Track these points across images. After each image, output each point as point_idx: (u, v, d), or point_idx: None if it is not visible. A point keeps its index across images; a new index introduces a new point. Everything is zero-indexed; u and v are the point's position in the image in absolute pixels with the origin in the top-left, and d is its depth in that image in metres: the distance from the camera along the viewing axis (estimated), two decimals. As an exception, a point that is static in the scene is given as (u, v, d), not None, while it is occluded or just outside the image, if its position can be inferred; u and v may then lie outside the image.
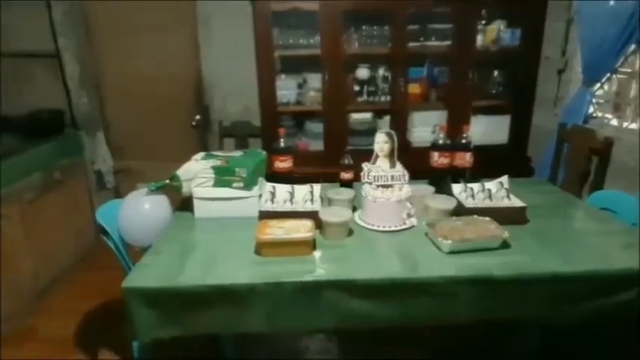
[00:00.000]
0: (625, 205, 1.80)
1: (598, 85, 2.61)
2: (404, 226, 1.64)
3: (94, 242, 2.93)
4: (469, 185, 1.77)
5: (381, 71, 2.91)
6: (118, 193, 3.29)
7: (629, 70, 2.54)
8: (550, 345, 1.99)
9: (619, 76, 2.60)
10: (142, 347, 1.66)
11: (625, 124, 2.53)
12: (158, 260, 1.46)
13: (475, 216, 1.60)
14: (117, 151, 3.40)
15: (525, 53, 2.76)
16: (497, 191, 1.75)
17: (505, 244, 1.49)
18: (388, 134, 1.69)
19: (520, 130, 2.90)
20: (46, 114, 2.97)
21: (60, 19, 3.03)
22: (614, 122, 2.63)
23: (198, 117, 3.18)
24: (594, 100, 2.67)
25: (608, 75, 2.55)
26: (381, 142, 1.69)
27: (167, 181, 1.79)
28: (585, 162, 2.32)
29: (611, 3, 2.27)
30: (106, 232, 1.72)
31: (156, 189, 1.80)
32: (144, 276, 1.38)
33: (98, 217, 1.74)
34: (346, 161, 1.91)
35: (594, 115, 2.69)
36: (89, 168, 3.28)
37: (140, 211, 1.78)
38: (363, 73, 2.88)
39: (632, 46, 2.38)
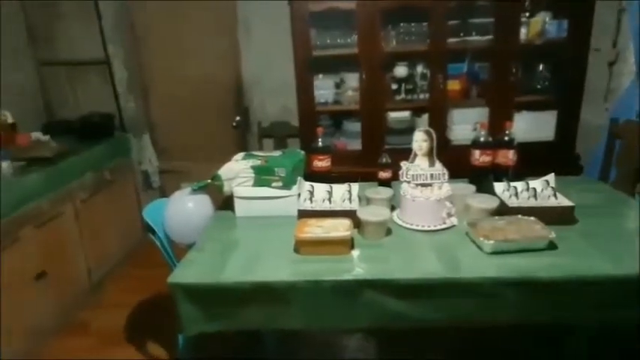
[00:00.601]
0: (684, 205, 1.69)
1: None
2: (444, 226, 1.61)
3: (142, 239, 3.06)
4: (512, 184, 1.71)
5: (420, 68, 2.87)
6: (164, 193, 3.42)
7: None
8: (599, 350, 1.89)
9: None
10: (186, 341, 1.73)
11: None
12: (201, 257, 1.52)
13: (519, 216, 1.55)
14: (162, 152, 3.54)
15: (573, 45, 2.63)
16: (542, 190, 1.68)
17: (552, 245, 1.44)
18: (427, 132, 1.66)
19: (567, 126, 2.77)
20: (98, 117, 3.14)
21: (109, 28, 3.19)
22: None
23: (238, 118, 3.25)
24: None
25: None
26: (419, 141, 1.67)
27: (209, 180, 1.84)
28: (639, 159, 2.19)
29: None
30: (152, 230, 1.80)
31: (198, 188, 1.86)
32: (188, 272, 1.43)
33: (145, 216, 1.82)
34: (384, 160, 1.90)
35: (650, 109, 2.53)
36: (136, 168, 3.44)
37: (184, 209, 1.85)
38: (400, 71, 2.84)
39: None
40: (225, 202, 1.88)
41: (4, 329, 2.09)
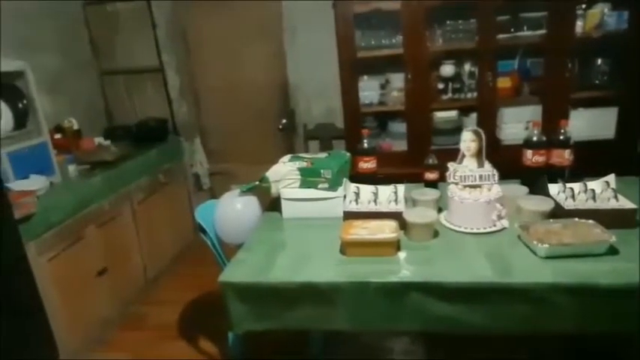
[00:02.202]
0: None
1: None
2: (494, 228, 1.57)
3: (194, 239, 3.18)
4: (568, 185, 1.63)
5: (467, 67, 2.80)
6: (214, 194, 3.55)
7: None
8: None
9: None
10: (236, 338, 1.79)
11: None
12: (250, 257, 1.56)
13: (576, 219, 1.48)
14: (212, 155, 3.67)
15: (635, 38, 2.47)
16: (602, 192, 1.59)
17: (612, 250, 1.36)
18: (475, 132, 1.63)
19: (629, 124, 2.60)
20: (153, 122, 3.31)
21: (163, 36, 3.36)
22: None
23: (284, 121, 3.31)
24: None
25: None
26: (467, 141, 1.63)
27: (257, 182, 1.89)
28: None
29: None
30: (203, 230, 1.87)
31: (247, 190, 1.92)
32: (238, 271, 1.48)
33: (197, 216, 1.90)
34: (430, 161, 1.87)
35: None
36: (188, 171, 3.58)
37: (233, 210, 1.91)
38: (447, 69, 2.79)
39: None
40: (272, 204, 1.93)
41: (70, 321, 2.25)
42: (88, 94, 3.38)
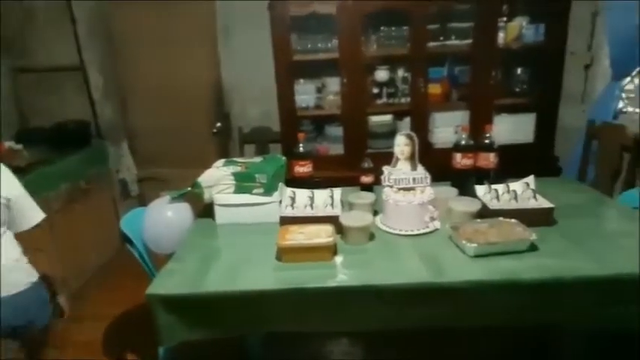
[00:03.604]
0: (660, 204, 1.72)
1: (628, 79, 2.51)
2: (427, 230, 1.61)
3: (120, 249, 2.98)
4: (493, 186, 1.72)
5: (401, 72, 2.88)
6: (143, 201, 3.35)
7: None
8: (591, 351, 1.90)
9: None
10: (167, 351, 1.68)
11: (658, 119, 2.43)
12: (181, 267, 1.48)
13: (500, 218, 1.55)
14: (141, 160, 3.47)
15: (550, 49, 2.68)
16: (523, 192, 1.70)
17: (533, 247, 1.45)
18: (408, 136, 1.66)
19: (546, 129, 2.81)
20: (73, 125, 3.06)
21: (84, 33, 3.12)
22: (646, 117, 2.52)
23: (218, 124, 3.21)
24: (624, 95, 2.57)
25: (638, 68, 2.45)
26: (401, 145, 1.66)
27: (189, 188, 1.80)
28: (616, 159, 2.24)
29: (640, -7, 2.19)
30: (130, 241, 1.75)
31: (178, 197, 1.82)
32: (168, 283, 1.39)
33: (122, 226, 1.77)
34: (366, 165, 1.89)
35: (624, 110, 2.59)
36: (114, 177, 3.36)
37: (163, 218, 1.81)
38: (382, 74, 2.85)
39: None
40: (205, 210, 1.85)
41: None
42: (-4, 93, 3.07)
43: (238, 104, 3.25)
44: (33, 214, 1.65)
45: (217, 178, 1.77)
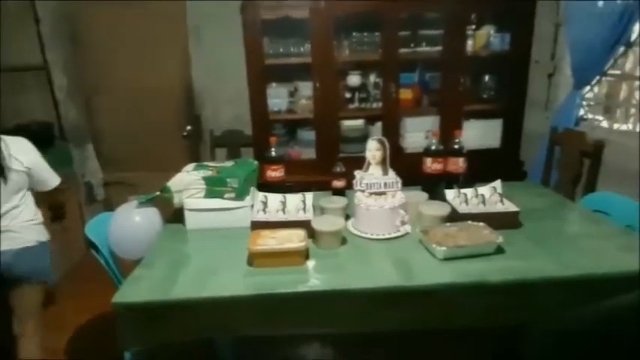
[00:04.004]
0: (618, 207, 1.79)
1: (588, 87, 2.62)
2: (398, 234, 1.62)
3: (86, 254, 2.89)
4: (462, 191, 1.76)
5: (372, 78, 2.91)
6: (109, 206, 3.26)
7: (619, 72, 2.55)
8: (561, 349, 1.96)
9: (609, 78, 2.62)
10: (133, 357, 1.63)
11: (616, 126, 2.54)
12: (150, 274, 1.44)
13: (469, 222, 1.59)
14: (107, 163, 3.37)
15: (515, 57, 2.77)
16: (490, 196, 1.74)
17: (500, 250, 1.48)
18: (380, 141, 1.68)
19: (512, 134, 2.91)
20: (35, 126, 2.94)
21: (48, 32, 3.01)
22: (605, 124, 2.63)
23: (189, 127, 3.16)
24: (585, 103, 2.68)
25: (598, 77, 2.56)
26: (372, 150, 1.68)
27: (157, 193, 1.76)
28: (577, 164, 2.33)
29: (600, 4, 2.28)
30: (95, 247, 1.69)
31: (146, 201, 1.78)
32: (135, 290, 1.35)
33: (87, 232, 1.71)
34: (338, 169, 1.90)
35: (585, 117, 2.70)
36: (79, 180, 3.24)
37: (130, 223, 1.76)
38: (354, 79, 2.88)
39: (622, 48, 2.39)
40: (175, 215, 1.81)
41: None
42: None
43: (209, 107, 3.21)
44: (51, 178, 1.93)
45: (187, 183, 1.74)
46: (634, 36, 2.33)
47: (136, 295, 1.32)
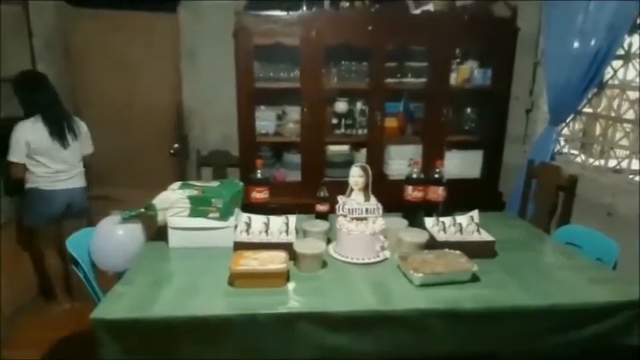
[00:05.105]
0: (590, 241, 1.87)
1: (563, 124, 2.74)
2: (377, 259, 1.66)
3: (66, 268, 2.85)
4: (441, 219, 1.81)
5: (359, 105, 3.00)
6: (91, 221, 3.22)
7: (591, 111, 2.68)
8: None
9: (583, 116, 2.74)
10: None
11: (590, 161, 2.65)
12: (130, 290, 1.45)
13: (446, 249, 1.64)
14: (92, 178, 3.35)
15: (496, 92, 2.89)
16: (467, 225, 1.80)
17: (475, 278, 1.53)
18: (363, 168, 1.73)
19: (492, 166, 3.00)
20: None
21: (41, 46, 3.04)
22: (580, 159, 2.75)
23: (176, 145, 3.18)
24: (561, 138, 2.79)
25: (573, 115, 2.68)
26: (356, 176, 1.73)
27: (142, 209, 1.78)
28: (552, 197, 2.41)
29: (575, 46, 2.42)
30: (76, 262, 1.69)
31: (130, 217, 1.79)
32: (115, 307, 1.36)
33: (68, 246, 1.71)
34: (322, 194, 1.94)
35: (561, 152, 2.81)
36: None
37: (113, 237, 1.77)
38: (341, 106, 2.96)
39: (595, 89, 2.52)
40: (158, 233, 1.82)
41: None
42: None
43: (198, 126, 3.25)
44: (90, 145, 2.78)
45: (172, 201, 1.76)
46: (606, 77, 2.47)
47: (116, 312, 1.33)
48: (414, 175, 1.97)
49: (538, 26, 2.76)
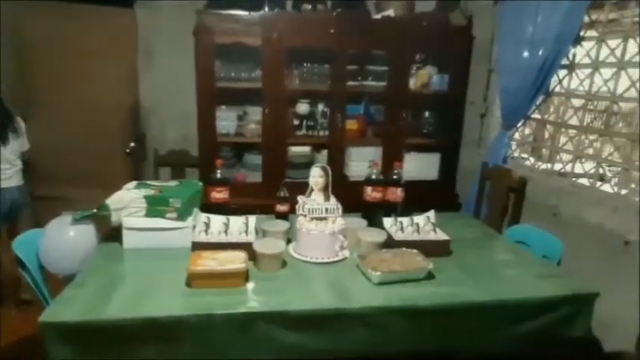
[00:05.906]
0: (537, 239, 1.96)
1: (514, 129, 2.87)
2: (336, 258, 1.68)
3: (12, 272, 2.70)
4: (399, 219, 1.86)
5: (321, 107, 3.03)
6: (39, 222, 3.06)
7: (540, 117, 2.83)
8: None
9: (533, 122, 2.89)
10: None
11: (538, 165, 2.79)
12: (81, 293, 1.39)
13: (404, 248, 1.68)
14: (40, 177, 3.19)
15: (453, 97, 3.00)
16: (424, 225, 1.85)
17: (430, 275, 1.57)
18: (323, 169, 1.75)
19: (448, 168, 3.11)
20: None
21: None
22: (529, 162, 2.89)
23: (132, 144, 3.08)
24: (513, 142, 2.93)
25: (523, 120, 2.82)
26: (316, 176, 1.74)
27: (94, 210, 1.71)
28: (504, 198, 2.52)
29: (525, 55, 2.54)
30: (23, 265, 1.61)
31: (81, 218, 1.72)
32: (65, 310, 1.30)
33: (15, 248, 1.62)
34: (282, 194, 1.95)
35: (512, 155, 2.94)
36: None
37: (64, 237, 1.69)
38: (302, 108, 2.97)
39: (543, 96, 2.66)
40: (112, 234, 1.76)
41: None
42: None
43: (156, 125, 3.16)
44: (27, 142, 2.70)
45: (127, 201, 1.71)
46: (552, 85, 2.61)
47: (66, 315, 1.28)
48: (374, 176, 2.00)
49: (492, 35, 2.89)
